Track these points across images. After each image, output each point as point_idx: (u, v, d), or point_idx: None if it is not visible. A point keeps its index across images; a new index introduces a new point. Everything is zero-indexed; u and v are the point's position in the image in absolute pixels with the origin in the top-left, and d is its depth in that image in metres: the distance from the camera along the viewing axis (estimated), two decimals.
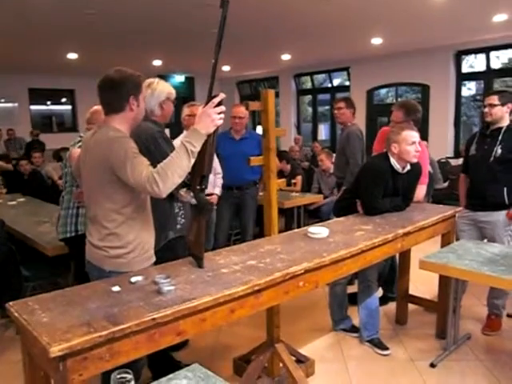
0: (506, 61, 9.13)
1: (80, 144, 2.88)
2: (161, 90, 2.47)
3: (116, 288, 1.70)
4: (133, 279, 1.79)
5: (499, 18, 6.46)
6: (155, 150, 2.25)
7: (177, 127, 2.75)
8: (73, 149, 2.94)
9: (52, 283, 3.52)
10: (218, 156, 3.80)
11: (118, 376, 1.19)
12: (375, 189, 2.88)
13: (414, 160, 2.87)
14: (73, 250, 3.04)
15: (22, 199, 5.17)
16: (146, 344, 1.50)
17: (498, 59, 8.92)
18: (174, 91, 2.55)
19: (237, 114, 4.04)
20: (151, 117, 2.45)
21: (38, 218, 4.05)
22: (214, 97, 1.83)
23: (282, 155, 5.95)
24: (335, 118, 4.21)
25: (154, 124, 2.45)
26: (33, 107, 11.64)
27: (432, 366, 2.77)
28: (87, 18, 5.84)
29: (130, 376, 1.19)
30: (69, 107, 12.34)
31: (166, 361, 2.59)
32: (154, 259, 2.08)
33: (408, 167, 2.91)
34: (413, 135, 2.84)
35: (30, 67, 9.76)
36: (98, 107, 2.96)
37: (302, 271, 1.96)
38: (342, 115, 4.04)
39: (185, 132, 3.37)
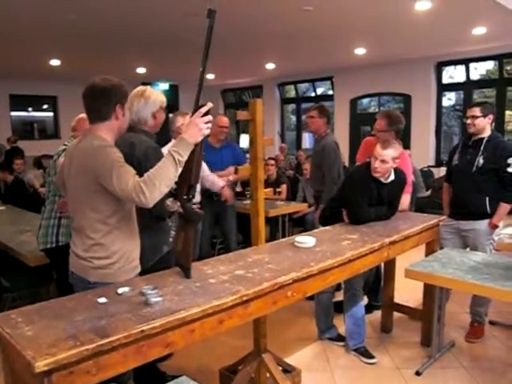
0: (484, 72, 9.38)
1: None
2: (154, 99, 2.39)
3: (102, 300, 1.67)
4: (119, 290, 1.76)
5: (478, 30, 6.65)
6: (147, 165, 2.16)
7: (162, 136, 2.68)
8: (61, 159, 2.87)
9: (33, 294, 3.44)
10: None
11: None
12: (360, 198, 2.90)
13: (374, 174, 2.87)
14: (54, 260, 2.98)
15: (2, 207, 5.05)
16: (134, 357, 1.47)
17: (477, 70, 9.16)
18: (165, 99, 2.48)
19: (224, 124, 4.14)
20: (143, 127, 2.37)
21: (19, 226, 3.95)
22: (202, 106, 1.83)
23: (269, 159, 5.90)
24: (306, 125, 4.09)
25: (146, 136, 2.36)
26: (13, 113, 11.45)
27: (417, 373, 2.79)
28: (69, 24, 5.79)
29: None
30: (51, 114, 12.18)
31: (150, 372, 2.55)
32: (139, 269, 2.05)
33: (392, 177, 2.94)
34: (381, 153, 2.81)
35: (11, 73, 9.62)
36: (84, 115, 2.91)
37: (291, 281, 1.96)
38: (313, 124, 3.91)
39: (173, 141, 3.34)
